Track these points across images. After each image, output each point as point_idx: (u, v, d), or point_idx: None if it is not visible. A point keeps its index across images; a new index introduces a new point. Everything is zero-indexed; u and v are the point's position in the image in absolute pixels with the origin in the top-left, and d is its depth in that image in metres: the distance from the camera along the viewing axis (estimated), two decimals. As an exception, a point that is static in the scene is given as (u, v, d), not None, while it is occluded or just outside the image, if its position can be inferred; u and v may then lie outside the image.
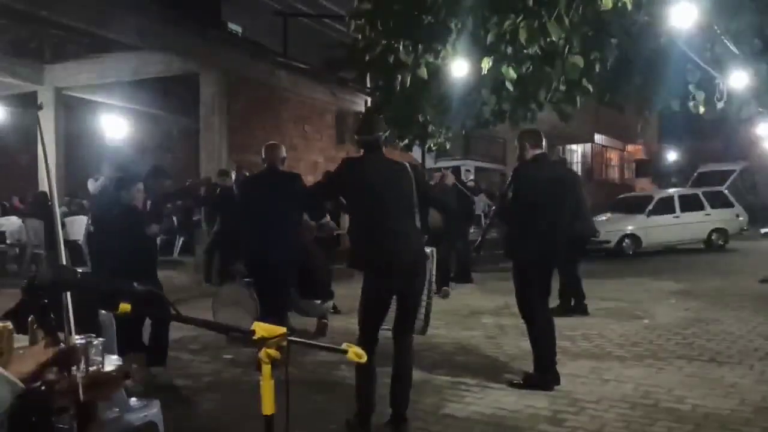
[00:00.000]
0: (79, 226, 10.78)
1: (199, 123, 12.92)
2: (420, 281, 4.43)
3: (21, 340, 2.21)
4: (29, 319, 2.08)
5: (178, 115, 15.60)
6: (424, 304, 4.88)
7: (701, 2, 6.34)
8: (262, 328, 1.85)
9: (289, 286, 6.23)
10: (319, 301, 7.35)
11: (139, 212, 5.88)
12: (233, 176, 10.06)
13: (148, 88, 13.76)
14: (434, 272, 5.40)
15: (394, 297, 4.32)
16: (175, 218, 10.52)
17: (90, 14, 10.44)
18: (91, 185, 10.60)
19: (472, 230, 12.33)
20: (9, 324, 1.99)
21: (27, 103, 14.03)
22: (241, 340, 1.84)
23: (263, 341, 1.83)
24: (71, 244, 10.92)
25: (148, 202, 6.69)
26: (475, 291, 10.46)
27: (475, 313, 8.48)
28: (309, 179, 15.08)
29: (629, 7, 6.13)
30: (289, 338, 1.89)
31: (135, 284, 1.62)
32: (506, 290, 8.70)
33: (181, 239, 12.52)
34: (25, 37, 12.66)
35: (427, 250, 5.38)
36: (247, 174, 9.11)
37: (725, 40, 7.28)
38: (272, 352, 1.83)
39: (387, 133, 4.49)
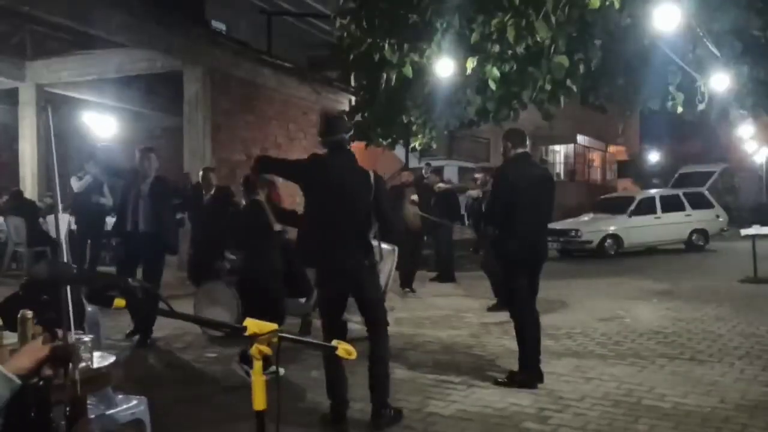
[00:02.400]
0: (61, 224, 10.66)
1: (182, 121, 12.85)
2: (367, 287, 4.45)
3: (9, 337, 2.20)
4: (18, 316, 2.08)
5: (162, 113, 15.51)
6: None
7: (684, 3, 6.42)
8: (253, 325, 1.86)
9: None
10: (303, 300, 7.35)
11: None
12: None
13: (132, 85, 13.67)
14: (393, 270, 5.48)
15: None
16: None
17: (73, 10, 10.33)
18: (75, 183, 10.49)
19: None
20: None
21: (7, 100, 13.88)
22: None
23: (255, 337, 1.84)
24: (53, 242, 10.84)
25: None
26: (458, 290, 10.50)
27: (458, 313, 8.51)
28: (293, 178, 15.06)
29: (616, 6, 6.18)
30: (280, 334, 1.91)
31: (129, 279, 1.63)
32: (489, 289, 8.82)
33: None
34: (6, 33, 12.52)
35: (389, 247, 5.42)
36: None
37: (707, 42, 7.38)
38: (264, 348, 1.84)
39: (351, 134, 4.55)
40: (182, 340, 6.98)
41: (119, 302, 1.63)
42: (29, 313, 2.06)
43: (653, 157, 36.03)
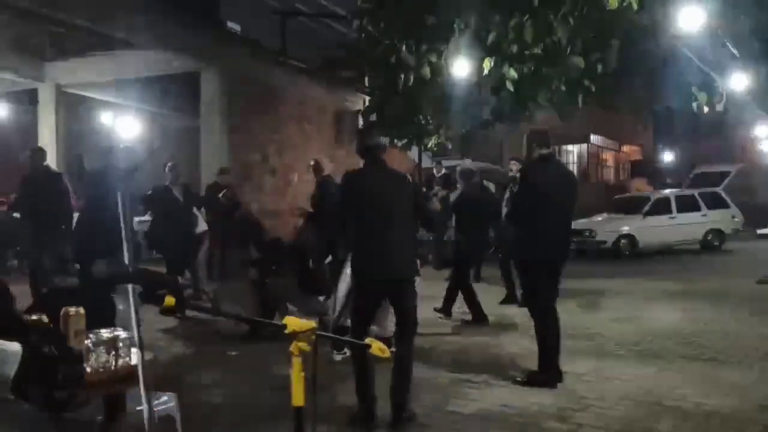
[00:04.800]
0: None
1: (197, 121, 12.94)
2: (410, 295, 4.54)
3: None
4: (61, 312, 2.13)
5: (179, 114, 15.62)
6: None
7: (707, 5, 6.41)
8: (292, 323, 1.90)
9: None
10: (321, 298, 7.39)
11: None
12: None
13: (149, 86, 13.78)
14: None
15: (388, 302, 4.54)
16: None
17: (91, 11, 10.44)
18: (95, 183, 10.56)
19: None
20: (44, 317, 2.03)
21: (27, 100, 14.04)
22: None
23: (294, 335, 1.88)
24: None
25: None
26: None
27: (475, 312, 8.52)
28: (307, 178, 15.23)
29: (635, 7, 6.19)
30: (318, 332, 1.95)
31: (179, 279, 1.67)
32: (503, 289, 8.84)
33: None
34: (26, 34, 12.65)
35: None
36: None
37: (727, 43, 7.36)
38: (303, 345, 1.88)
39: (385, 139, 4.65)
40: (202, 339, 7.05)
41: (170, 301, 1.68)
42: (72, 310, 2.12)
43: (667, 156, 35.80)
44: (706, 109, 8.31)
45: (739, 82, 7.87)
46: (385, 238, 4.33)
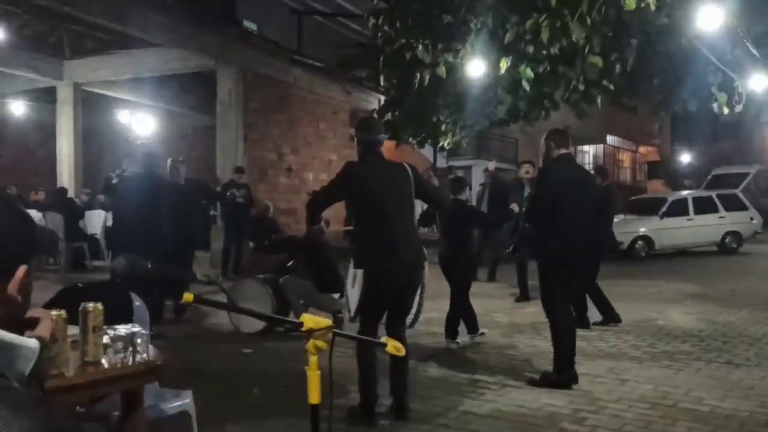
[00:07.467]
0: (97, 220, 10.88)
1: (213, 119, 13.02)
2: (417, 280, 4.57)
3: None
4: (80, 308, 2.15)
5: (195, 112, 15.72)
6: (416, 301, 4.96)
7: (726, 4, 6.35)
8: (309, 320, 1.91)
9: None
10: (336, 296, 7.40)
11: None
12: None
13: (166, 84, 13.87)
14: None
15: None
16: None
17: (110, 10, 10.53)
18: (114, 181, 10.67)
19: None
20: (63, 312, 2.05)
21: (46, 98, 14.19)
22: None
23: (310, 332, 1.89)
24: (90, 238, 11.06)
25: None
26: (488, 290, 10.46)
27: (488, 312, 8.49)
28: (322, 177, 15.30)
29: (652, 7, 6.15)
30: (334, 330, 1.95)
31: (197, 275, 1.68)
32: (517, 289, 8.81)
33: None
34: (45, 33, 12.78)
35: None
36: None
37: (746, 42, 7.29)
38: (319, 343, 1.89)
39: (386, 137, 4.65)
40: (218, 336, 7.09)
41: (188, 297, 1.69)
42: (90, 306, 2.14)
43: (685, 158, 35.52)
44: (726, 111, 8.21)
45: (758, 82, 7.79)
46: (392, 228, 4.33)
